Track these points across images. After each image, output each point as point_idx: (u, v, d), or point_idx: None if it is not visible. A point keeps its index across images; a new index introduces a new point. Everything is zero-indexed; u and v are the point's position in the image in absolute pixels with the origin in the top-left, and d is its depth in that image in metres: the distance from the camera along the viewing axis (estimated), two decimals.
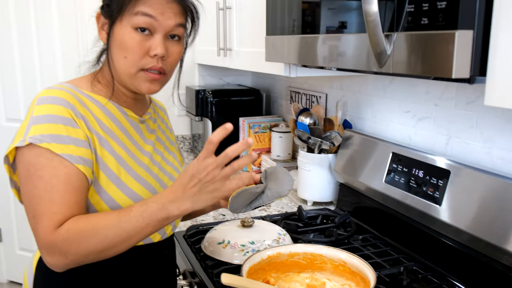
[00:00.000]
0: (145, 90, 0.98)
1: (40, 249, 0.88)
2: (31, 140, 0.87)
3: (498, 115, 1.16)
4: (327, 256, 1.04)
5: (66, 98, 0.93)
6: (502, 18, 0.73)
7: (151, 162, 1.05)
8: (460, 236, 1.15)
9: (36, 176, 0.87)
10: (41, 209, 0.87)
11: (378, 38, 0.89)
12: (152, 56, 0.95)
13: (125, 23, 0.94)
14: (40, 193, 0.87)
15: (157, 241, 1.05)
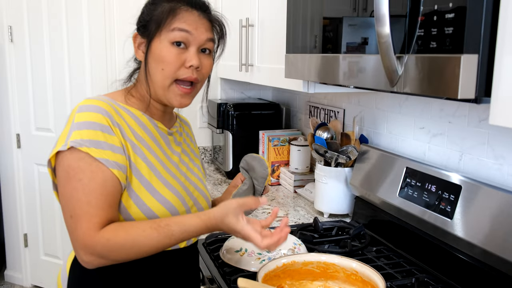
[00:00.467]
0: (177, 104, 1.07)
1: (76, 248, 0.94)
2: (72, 144, 0.94)
3: (509, 132, 1.20)
4: (340, 265, 1.09)
5: (104, 107, 1.01)
6: (506, 43, 0.78)
7: (178, 171, 1.13)
8: (472, 250, 1.18)
9: (75, 179, 0.94)
10: (79, 211, 0.93)
11: (390, 59, 0.94)
12: (188, 67, 1.04)
13: (162, 39, 1.03)
14: (79, 195, 0.93)
15: (183, 247, 1.12)
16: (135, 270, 1.06)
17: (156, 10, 1.06)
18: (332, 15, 1.23)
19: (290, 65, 1.47)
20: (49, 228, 3.13)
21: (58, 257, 3.15)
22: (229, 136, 2.36)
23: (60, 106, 2.93)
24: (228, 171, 2.39)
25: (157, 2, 1.07)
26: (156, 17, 1.05)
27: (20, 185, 3.13)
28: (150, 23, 1.06)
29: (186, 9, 1.05)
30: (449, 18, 0.83)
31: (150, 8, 1.08)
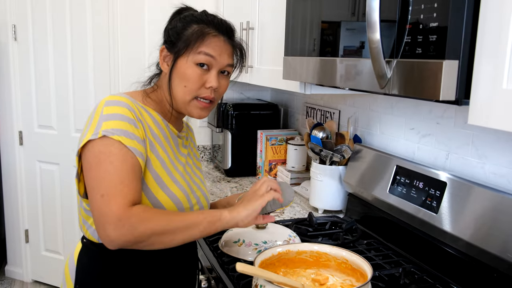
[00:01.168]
0: (196, 116, 1.17)
1: (106, 223, 0.97)
2: (104, 133, 1.02)
3: (491, 134, 1.28)
4: (331, 254, 1.17)
5: (129, 103, 1.10)
6: (484, 50, 0.86)
7: (184, 170, 1.22)
8: (456, 242, 1.26)
9: (107, 162, 1.00)
10: (113, 189, 0.98)
11: (380, 63, 1.02)
12: (207, 88, 1.14)
13: (189, 59, 1.13)
14: (111, 177, 0.99)
15: None
16: (138, 257, 1.13)
17: (185, 30, 1.14)
18: (329, 19, 1.30)
19: (288, 67, 1.55)
20: (50, 224, 3.19)
21: (59, 252, 3.22)
22: (228, 135, 2.44)
23: (62, 104, 3.00)
24: (227, 169, 2.46)
25: (187, 22, 1.16)
26: (186, 38, 1.13)
27: (22, 181, 3.19)
28: (178, 41, 1.14)
29: (214, 35, 1.14)
30: (433, 27, 0.91)
31: (179, 26, 1.16)
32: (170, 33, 1.17)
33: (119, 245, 0.99)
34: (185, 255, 1.25)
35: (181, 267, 1.24)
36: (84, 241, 1.18)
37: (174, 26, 1.17)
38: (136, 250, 1.11)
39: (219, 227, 1.05)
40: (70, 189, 3.09)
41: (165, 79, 1.17)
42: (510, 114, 0.81)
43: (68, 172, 3.07)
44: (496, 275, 1.15)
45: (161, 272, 1.18)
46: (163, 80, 1.19)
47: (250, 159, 2.47)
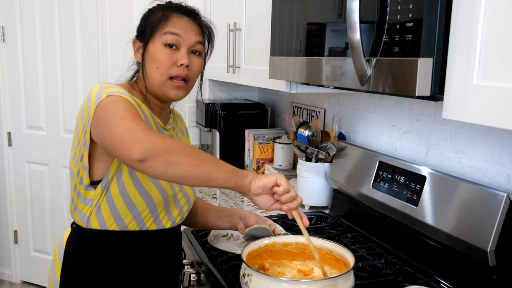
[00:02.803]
0: (172, 96, 1.19)
1: (137, 130, 0.96)
2: (108, 93, 1.07)
3: (468, 129, 1.34)
4: (316, 246, 1.21)
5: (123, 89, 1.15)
6: (456, 49, 0.92)
7: None
8: (436, 233, 1.32)
9: (116, 102, 1.04)
10: (130, 114, 1.01)
11: (360, 61, 1.07)
12: (179, 66, 1.17)
13: (156, 41, 1.17)
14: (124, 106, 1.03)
15: (168, 227, 1.25)
16: (125, 245, 1.18)
17: (151, 17, 1.21)
18: (315, 20, 1.35)
19: (274, 66, 1.59)
20: (39, 224, 3.20)
21: (48, 253, 3.23)
22: (216, 135, 2.48)
23: (52, 105, 3.02)
24: None
25: (153, 10, 1.23)
26: (151, 23, 1.20)
27: (11, 182, 3.20)
28: (146, 28, 1.20)
29: (177, 15, 1.20)
30: (408, 27, 0.96)
31: (146, 16, 1.24)
32: (139, 25, 1.24)
33: (147, 148, 0.94)
34: (170, 246, 1.29)
35: (165, 260, 1.27)
36: (73, 226, 1.23)
37: (141, 18, 1.24)
38: (123, 236, 1.17)
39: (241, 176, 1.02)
40: (60, 190, 3.10)
41: (141, 68, 1.22)
42: (481, 108, 0.87)
43: (57, 173, 3.08)
44: (473, 263, 1.20)
45: (146, 258, 1.23)
46: (140, 71, 1.23)
47: (238, 158, 2.51)
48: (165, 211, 1.22)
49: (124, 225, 1.17)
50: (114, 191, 1.15)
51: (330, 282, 1.00)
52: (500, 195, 1.14)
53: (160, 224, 1.22)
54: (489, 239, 1.14)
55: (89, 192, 1.16)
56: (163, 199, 1.19)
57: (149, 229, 1.20)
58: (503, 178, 1.25)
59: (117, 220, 1.16)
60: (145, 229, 1.19)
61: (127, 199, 1.15)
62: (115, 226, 1.17)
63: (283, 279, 1.04)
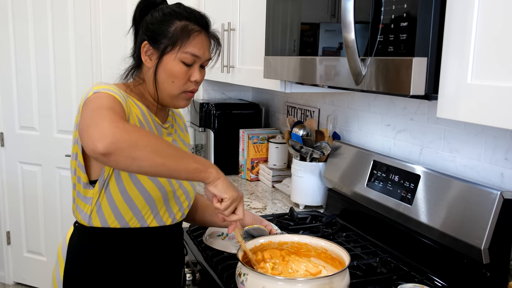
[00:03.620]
0: (182, 106, 1.24)
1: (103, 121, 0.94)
2: (95, 91, 1.07)
3: (462, 128, 1.35)
4: (311, 245, 1.22)
5: (117, 88, 1.14)
6: (450, 48, 0.93)
7: None
8: (430, 232, 1.33)
9: (99, 98, 1.04)
10: (105, 108, 0.99)
11: (355, 61, 1.08)
12: (192, 81, 1.22)
13: (175, 57, 1.18)
14: (104, 102, 1.02)
15: (169, 224, 1.25)
16: (127, 241, 1.19)
17: (168, 26, 1.18)
18: (309, 20, 1.36)
19: (269, 66, 1.60)
20: (32, 225, 3.18)
21: (41, 254, 3.21)
22: (211, 135, 2.48)
23: (45, 105, 3.00)
24: None
25: (169, 18, 1.19)
26: (171, 36, 1.18)
27: (4, 183, 3.18)
28: (162, 38, 1.18)
29: (198, 33, 1.20)
30: (403, 27, 0.97)
31: (160, 22, 1.19)
32: (151, 28, 1.20)
33: (111, 142, 0.91)
34: (171, 243, 1.29)
35: (167, 257, 1.28)
36: (76, 225, 1.23)
37: (154, 21, 1.20)
38: (124, 233, 1.17)
39: (203, 178, 1.04)
40: (53, 190, 3.09)
41: (148, 74, 1.21)
42: (475, 107, 0.87)
43: (50, 173, 3.07)
44: (467, 261, 1.21)
45: (148, 255, 1.23)
46: (147, 74, 1.22)
47: (233, 158, 2.51)
48: (165, 207, 1.22)
49: (125, 222, 1.17)
50: (113, 189, 1.15)
51: (326, 281, 1.01)
52: (494, 193, 1.15)
53: (161, 221, 1.22)
54: (483, 237, 1.15)
55: (88, 191, 1.16)
56: (162, 195, 1.19)
57: (150, 226, 1.20)
58: (497, 176, 1.26)
59: (118, 218, 1.17)
60: (146, 226, 1.20)
61: (127, 196, 1.15)
62: (116, 223, 1.17)
63: (279, 278, 1.04)
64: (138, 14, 1.25)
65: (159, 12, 1.21)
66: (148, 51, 1.20)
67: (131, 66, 1.27)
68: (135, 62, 1.26)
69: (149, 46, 1.20)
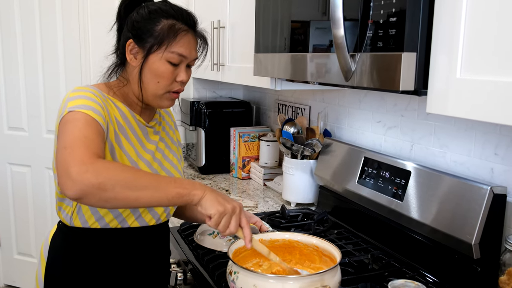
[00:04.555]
0: (166, 106, 1.22)
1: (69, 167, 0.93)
2: (70, 109, 1.04)
3: (451, 124, 1.35)
4: (302, 242, 1.21)
5: (95, 91, 1.13)
6: (439, 43, 0.92)
7: (153, 159, 1.24)
8: (421, 228, 1.33)
9: (73, 123, 1.02)
10: (77, 141, 0.98)
11: (344, 57, 1.08)
12: (178, 81, 1.19)
13: (161, 57, 1.15)
14: (76, 132, 1.00)
15: (152, 224, 1.23)
16: (109, 242, 1.17)
17: (154, 24, 1.16)
18: (299, 18, 1.35)
19: (259, 63, 1.59)
20: (22, 227, 3.15)
21: (31, 255, 3.18)
22: (201, 133, 2.47)
23: (33, 106, 2.97)
24: (201, 167, 2.49)
25: (155, 16, 1.16)
26: (157, 34, 1.15)
27: None
28: (148, 37, 1.15)
29: (185, 32, 1.17)
30: (392, 22, 0.96)
31: (146, 20, 1.16)
32: (136, 26, 1.17)
33: (80, 189, 0.92)
34: (155, 244, 1.27)
35: (151, 257, 1.26)
36: (59, 224, 1.23)
37: (140, 19, 1.17)
38: (105, 233, 1.16)
39: (187, 201, 1.01)
40: (43, 191, 3.06)
41: (133, 73, 1.19)
42: (464, 101, 0.87)
43: (40, 174, 3.04)
44: (457, 257, 1.21)
45: (129, 254, 1.22)
46: (131, 73, 1.19)
47: (224, 156, 2.50)
48: (148, 209, 1.21)
49: (105, 223, 1.16)
50: None
51: (317, 278, 1.00)
52: (484, 188, 1.15)
53: (143, 222, 1.21)
54: (474, 232, 1.15)
55: None
56: None
57: (131, 226, 1.19)
58: (486, 171, 1.26)
59: (98, 219, 1.16)
60: (127, 227, 1.19)
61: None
62: (97, 224, 1.16)
63: (270, 275, 1.03)
64: (123, 11, 1.22)
65: (145, 9, 1.18)
66: (133, 49, 1.18)
67: (115, 64, 1.24)
68: (119, 60, 1.23)
69: (135, 45, 1.17)
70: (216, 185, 2.27)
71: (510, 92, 0.78)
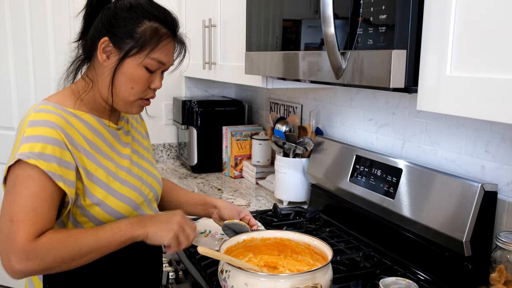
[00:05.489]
0: (134, 113, 1.15)
1: (11, 253, 0.93)
2: (19, 157, 0.95)
3: (442, 121, 1.36)
4: (294, 240, 1.21)
5: (56, 121, 1.01)
6: (429, 41, 0.92)
7: (131, 163, 1.18)
8: (413, 225, 1.33)
9: (23, 187, 0.95)
10: (23, 216, 0.94)
11: (335, 55, 1.07)
12: (152, 88, 1.12)
13: (138, 61, 1.06)
14: (24, 201, 0.95)
15: None
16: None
17: (136, 25, 1.05)
18: (289, 15, 1.35)
19: (250, 62, 1.58)
20: None
21: None
22: (193, 132, 2.46)
23: (24, 105, 2.95)
24: (193, 166, 2.48)
25: (137, 16, 1.06)
26: (139, 37, 1.05)
27: None
28: (127, 38, 1.05)
29: (168, 37, 1.09)
30: (382, 19, 0.96)
31: (127, 18, 1.06)
32: (114, 23, 1.06)
33: (23, 276, 0.95)
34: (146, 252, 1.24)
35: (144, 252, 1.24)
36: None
37: (119, 16, 1.06)
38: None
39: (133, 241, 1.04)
40: None
41: (103, 74, 1.09)
42: (454, 98, 0.87)
43: None
44: (449, 254, 1.22)
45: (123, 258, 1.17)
46: (101, 74, 1.09)
47: (216, 155, 2.49)
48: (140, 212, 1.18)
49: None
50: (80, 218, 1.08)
51: (309, 276, 1.00)
52: (475, 185, 1.16)
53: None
54: (465, 230, 1.15)
55: None
56: (134, 208, 1.14)
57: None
58: (477, 169, 1.27)
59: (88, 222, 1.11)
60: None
61: (95, 220, 1.08)
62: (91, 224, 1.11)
63: (261, 273, 1.03)
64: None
65: (125, 3, 1.07)
66: (107, 47, 1.07)
67: (78, 59, 1.13)
68: (84, 54, 1.12)
69: (109, 44, 1.06)
70: (208, 184, 2.27)
71: (500, 89, 0.78)
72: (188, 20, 2.48)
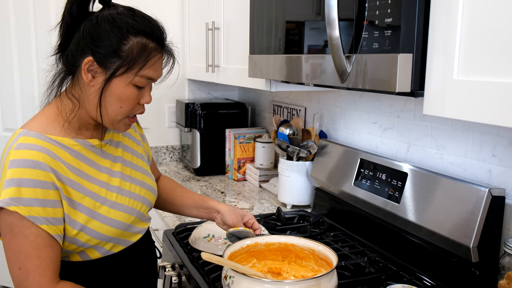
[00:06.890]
0: (121, 131, 1.11)
1: None
2: (9, 203, 0.94)
3: (448, 125, 1.34)
4: (298, 245, 1.19)
5: (37, 158, 0.97)
6: (435, 44, 0.91)
7: (122, 180, 1.14)
8: (418, 230, 1.31)
9: (21, 235, 0.95)
10: (30, 264, 0.96)
11: (339, 58, 1.06)
12: (141, 104, 1.07)
13: (127, 81, 1.01)
14: (27, 250, 0.96)
15: (137, 240, 1.19)
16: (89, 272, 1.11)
17: (121, 43, 0.99)
18: (294, 19, 1.34)
19: (254, 65, 1.57)
20: None
21: None
22: (197, 135, 2.45)
23: (28, 107, 2.95)
24: (196, 168, 2.47)
25: (123, 32, 0.99)
26: (125, 56, 0.99)
27: None
28: (113, 57, 0.99)
29: (157, 52, 1.03)
30: (387, 23, 0.95)
31: (110, 34, 0.99)
32: (97, 40, 0.98)
33: None
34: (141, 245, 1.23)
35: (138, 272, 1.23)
36: None
37: (103, 34, 0.99)
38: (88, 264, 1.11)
39: None
40: None
41: (90, 94, 1.03)
42: (461, 103, 0.86)
43: None
44: (455, 260, 1.20)
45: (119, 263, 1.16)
46: (87, 94, 1.03)
47: (219, 158, 2.48)
48: (129, 230, 1.15)
49: (87, 256, 1.09)
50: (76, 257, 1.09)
51: (313, 282, 0.98)
52: (482, 190, 1.14)
53: (127, 243, 1.16)
54: (472, 235, 1.13)
55: None
56: (126, 227, 1.13)
57: (115, 252, 1.13)
58: (484, 173, 1.25)
59: (80, 255, 1.09)
60: (111, 253, 1.12)
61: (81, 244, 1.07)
62: (78, 257, 1.09)
63: (266, 280, 1.01)
64: (76, 10, 1.01)
65: (107, 18, 0.99)
66: (91, 67, 1.00)
67: (59, 76, 1.07)
68: (66, 70, 1.06)
69: (94, 63, 0.99)
70: (211, 187, 2.26)
71: (507, 93, 0.77)
72: (191, 22, 2.47)
